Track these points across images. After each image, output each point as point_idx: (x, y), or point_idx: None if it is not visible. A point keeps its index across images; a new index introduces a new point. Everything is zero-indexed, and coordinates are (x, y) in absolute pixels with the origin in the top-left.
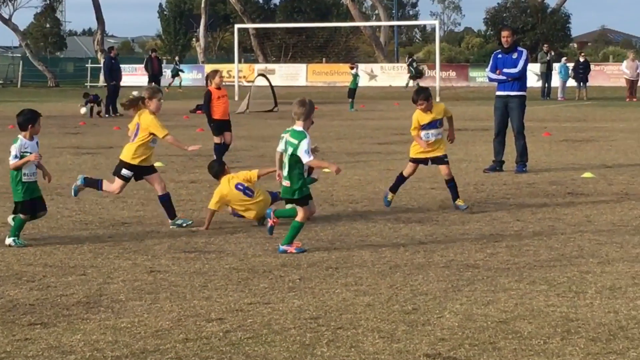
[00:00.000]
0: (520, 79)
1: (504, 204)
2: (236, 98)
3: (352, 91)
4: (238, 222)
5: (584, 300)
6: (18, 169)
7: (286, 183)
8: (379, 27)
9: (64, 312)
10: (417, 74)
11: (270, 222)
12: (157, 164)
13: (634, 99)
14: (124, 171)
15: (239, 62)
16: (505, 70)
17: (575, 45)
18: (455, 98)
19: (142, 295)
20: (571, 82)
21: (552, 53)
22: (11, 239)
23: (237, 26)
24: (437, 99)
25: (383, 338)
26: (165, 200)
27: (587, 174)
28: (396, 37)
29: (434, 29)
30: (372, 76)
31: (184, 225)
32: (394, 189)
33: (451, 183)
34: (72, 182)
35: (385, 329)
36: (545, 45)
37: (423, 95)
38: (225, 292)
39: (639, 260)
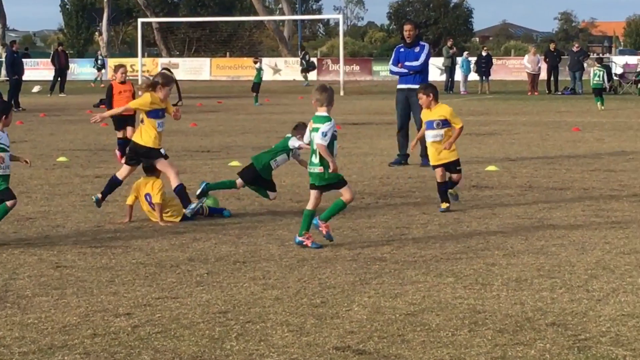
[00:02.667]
0: (422, 73)
1: (409, 197)
2: (140, 93)
3: (256, 85)
4: (144, 217)
5: (490, 292)
6: None
7: (319, 169)
8: (283, 21)
9: None
10: (308, 67)
11: (323, 230)
12: (60, 159)
13: (536, 93)
14: (162, 151)
15: (143, 56)
16: (407, 63)
17: (478, 39)
18: (359, 92)
19: (49, 291)
20: (474, 76)
21: (455, 48)
22: None
23: (140, 20)
24: (342, 93)
25: (292, 331)
26: (180, 190)
27: (491, 167)
28: (300, 31)
29: (337, 23)
30: (276, 70)
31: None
32: (443, 198)
33: (455, 183)
34: None
35: (294, 323)
36: (450, 40)
37: (423, 91)
38: (132, 287)
39: (544, 252)
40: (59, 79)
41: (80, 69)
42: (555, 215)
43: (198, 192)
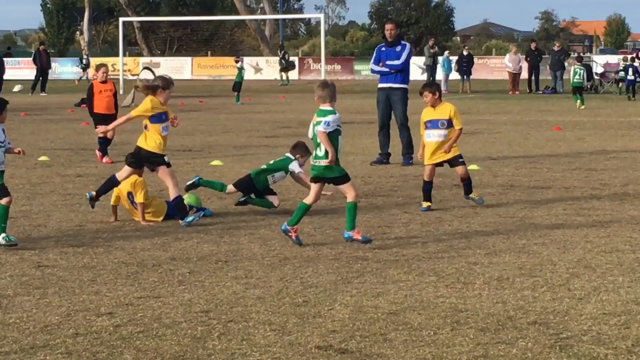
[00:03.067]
0: (402, 72)
1: (391, 196)
2: (121, 92)
3: (238, 84)
4: (126, 216)
5: (472, 291)
6: None
7: (324, 162)
8: (264, 20)
9: None
10: (288, 66)
11: (358, 236)
12: (42, 158)
13: (517, 92)
14: (165, 158)
15: (124, 55)
16: (388, 62)
17: (459, 38)
18: (340, 91)
19: (30, 290)
20: (455, 75)
21: (436, 47)
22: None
23: (121, 19)
24: None
25: (274, 331)
26: (178, 202)
27: (472, 166)
28: (281, 31)
29: (319, 23)
30: (258, 69)
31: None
32: (425, 197)
33: (466, 182)
34: None
35: (276, 322)
36: (432, 40)
37: (429, 89)
38: (114, 286)
39: (525, 251)
40: (41, 78)
41: (62, 68)
42: (536, 214)
43: (189, 183)
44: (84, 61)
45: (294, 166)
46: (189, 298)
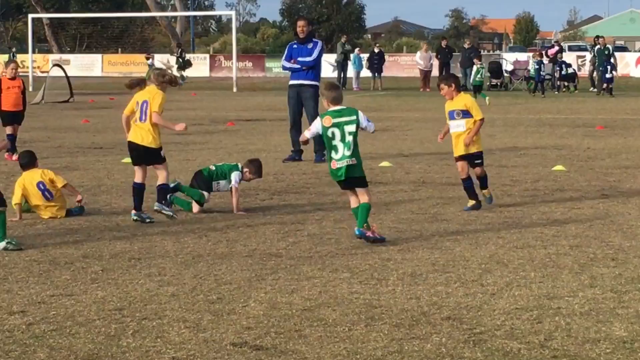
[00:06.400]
0: (314, 69)
1: (304, 193)
2: (31, 89)
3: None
4: (36, 215)
5: (386, 287)
6: None
7: (351, 161)
8: (175, 17)
9: None
10: (184, 65)
11: (374, 233)
12: None
13: (428, 89)
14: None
15: (33, 52)
16: (300, 59)
17: (370, 36)
18: (252, 88)
19: None
20: (366, 73)
21: (347, 45)
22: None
23: (30, 16)
24: (234, 89)
25: (189, 328)
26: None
27: (384, 163)
28: (192, 28)
29: (230, 20)
30: (168, 67)
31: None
32: (469, 195)
33: (483, 177)
34: None
35: (190, 319)
36: (344, 37)
37: (445, 81)
38: (26, 285)
39: (438, 247)
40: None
41: None
42: (448, 211)
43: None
44: (13, 57)
45: (235, 176)
46: (102, 296)
